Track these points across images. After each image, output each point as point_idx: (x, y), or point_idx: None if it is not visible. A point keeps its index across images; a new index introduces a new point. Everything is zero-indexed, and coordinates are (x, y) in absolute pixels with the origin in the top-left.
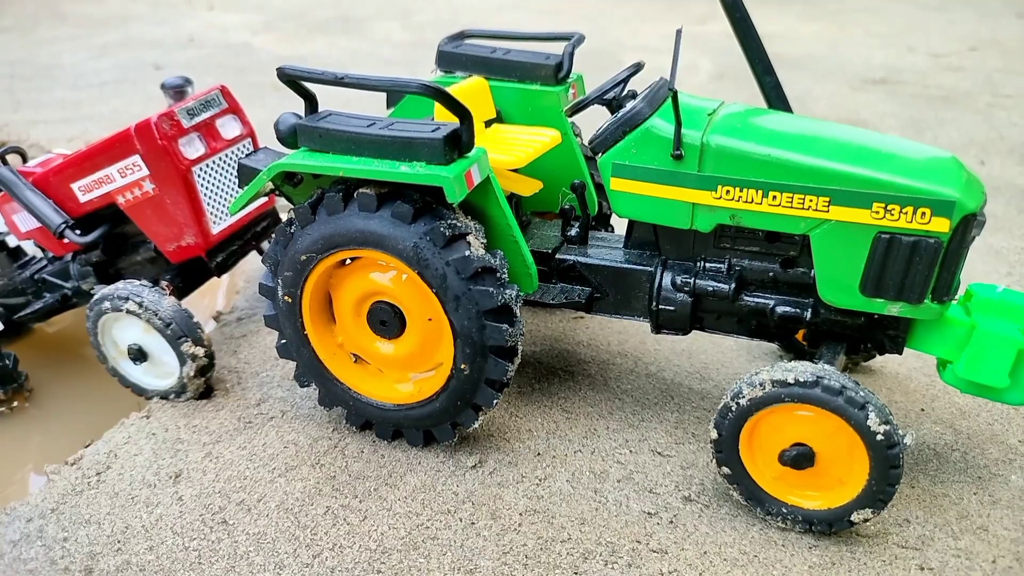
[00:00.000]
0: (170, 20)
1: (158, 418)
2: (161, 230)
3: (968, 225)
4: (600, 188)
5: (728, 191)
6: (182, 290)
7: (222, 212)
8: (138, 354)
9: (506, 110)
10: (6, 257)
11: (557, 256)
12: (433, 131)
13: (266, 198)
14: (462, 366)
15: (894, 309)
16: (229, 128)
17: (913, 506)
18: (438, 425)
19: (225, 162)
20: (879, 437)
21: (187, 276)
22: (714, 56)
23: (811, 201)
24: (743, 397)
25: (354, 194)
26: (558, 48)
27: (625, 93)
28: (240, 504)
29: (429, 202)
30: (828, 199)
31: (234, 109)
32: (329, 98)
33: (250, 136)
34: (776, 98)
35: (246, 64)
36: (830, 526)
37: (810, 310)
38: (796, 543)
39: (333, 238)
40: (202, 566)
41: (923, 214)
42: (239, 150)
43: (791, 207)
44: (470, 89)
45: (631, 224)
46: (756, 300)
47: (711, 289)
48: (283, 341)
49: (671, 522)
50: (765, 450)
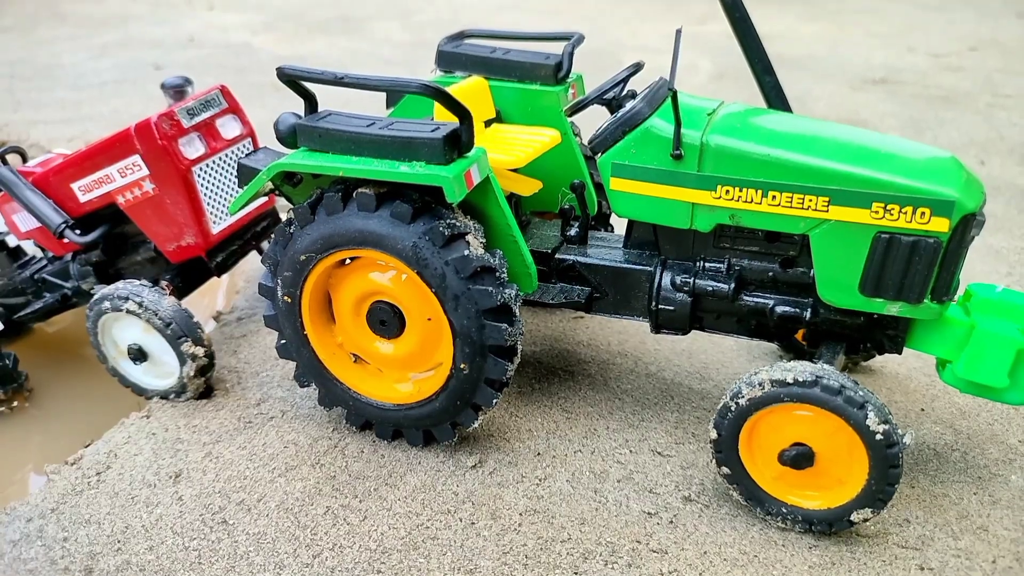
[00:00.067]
0: (170, 20)
1: (158, 418)
2: (161, 230)
3: (967, 225)
4: (600, 188)
5: (728, 191)
6: (182, 290)
7: (222, 212)
8: (138, 354)
9: (506, 110)
10: (6, 257)
11: (557, 256)
12: (433, 131)
13: (266, 198)
14: (461, 366)
15: (893, 309)
16: (229, 128)
17: (913, 506)
18: (438, 425)
19: (225, 162)
20: (878, 436)
21: (187, 276)
22: (714, 56)
23: (810, 201)
24: (742, 397)
25: (353, 194)
26: (558, 48)
27: (625, 93)
28: (240, 504)
29: (428, 202)
30: (828, 199)
31: (234, 109)
32: (329, 98)
33: (250, 136)
34: (776, 98)
35: (246, 64)
36: (830, 526)
37: (809, 310)
38: (796, 543)
39: (332, 238)
40: (202, 566)
41: (922, 214)
42: (239, 150)
43: (790, 207)
44: (470, 89)
45: (630, 224)
46: (756, 300)
47: (711, 289)
48: (283, 341)
49: (671, 522)
50: (765, 450)
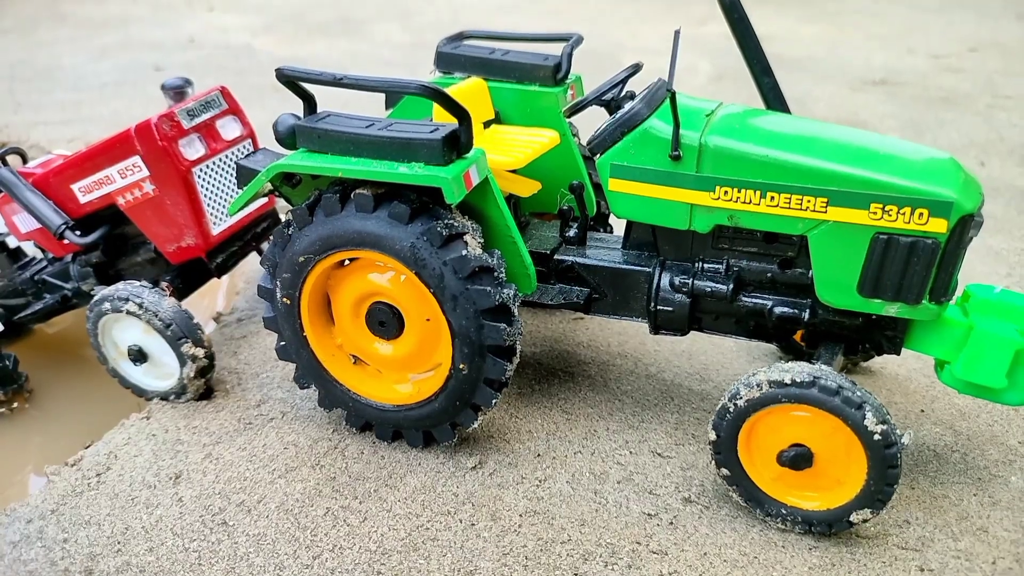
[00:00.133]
0: (170, 22)
1: (158, 419)
2: (161, 231)
3: (966, 226)
4: (598, 189)
5: (726, 192)
6: (182, 291)
7: (222, 213)
8: (138, 355)
9: (505, 111)
10: (6, 258)
11: (556, 257)
12: (432, 132)
13: (266, 199)
14: (460, 366)
15: (892, 310)
16: (229, 129)
17: (913, 507)
18: (438, 426)
19: (225, 163)
20: (876, 437)
21: (187, 277)
22: (713, 57)
23: (809, 202)
24: (740, 398)
25: (351, 195)
26: (557, 49)
27: (624, 94)
28: (240, 505)
29: (426, 202)
30: (826, 200)
31: (234, 110)
32: (328, 99)
33: (250, 137)
34: (774, 99)
35: (246, 65)
36: (829, 527)
37: (808, 311)
38: (796, 544)
39: (331, 239)
40: (202, 567)
41: (921, 215)
42: (239, 151)
43: (789, 208)
44: (469, 90)
45: (629, 225)
46: (754, 301)
47: (709, 290)
48: (282, 343)
49: (671, 523)
50: (763, 451)
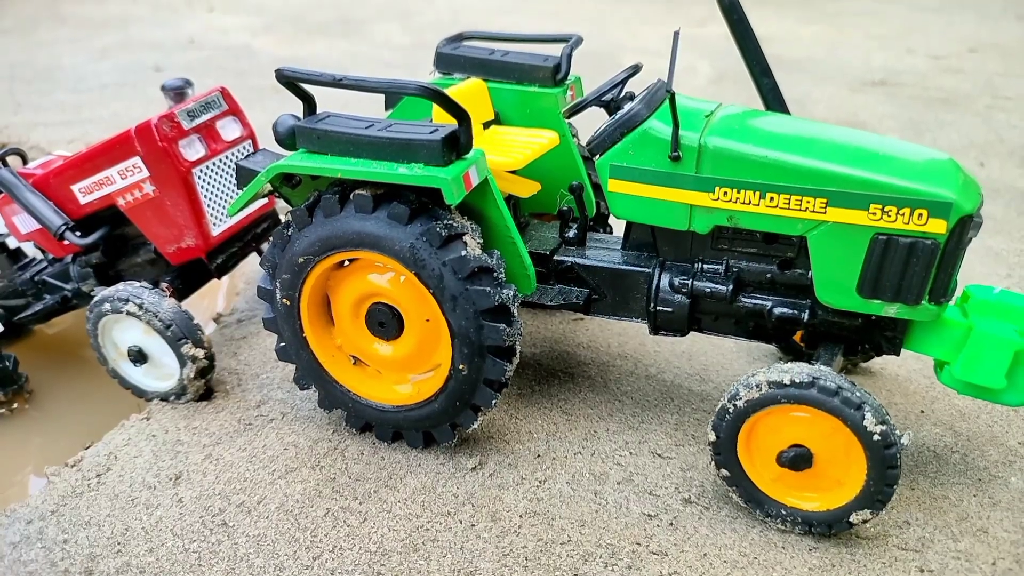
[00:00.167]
0: (170, 22)
1: (158, 420)
2: (161, 232)
3: (965, 226)
4: (598, 189)
5: (725, 192)
6: (182, 292)
7: (222, 214)
8: (138, 356)
9: (504, 112)
10: (6, 259)
11: (555, 257)
12: (431, 133)
13: (266, 200)
14: (460, 367)
15: (891, 310)
16: (229, 130)
17: (913, 508)
18: (437, 426)
19: (225, 164)
20: (876, 437)
21: (187, 278)
22: (713, 58)
23: (808, 202)
24: (740, 399)
25: (350, 195)
26: (556, 50)
27: (623, 95)
28: (240, 506)
29: (425, 203)
30: (825, 200)
31: (234, 111)
32: (328, 100)
33: (250, 138)
34: (773, 100)
35: (246, 66)
36: (829, 527)
37: (808, 311)
38: (796, 545)
39: (330, 240)
40: (202, 568)
41: (920, 215)
42: (239, 152)
43: (788, 208)
44: (468, 91)
45: (629, 225)
46: (754, 301)
47: (709, 290)
48: (282, 344)
49: (671, 524)
50: (763, 452)
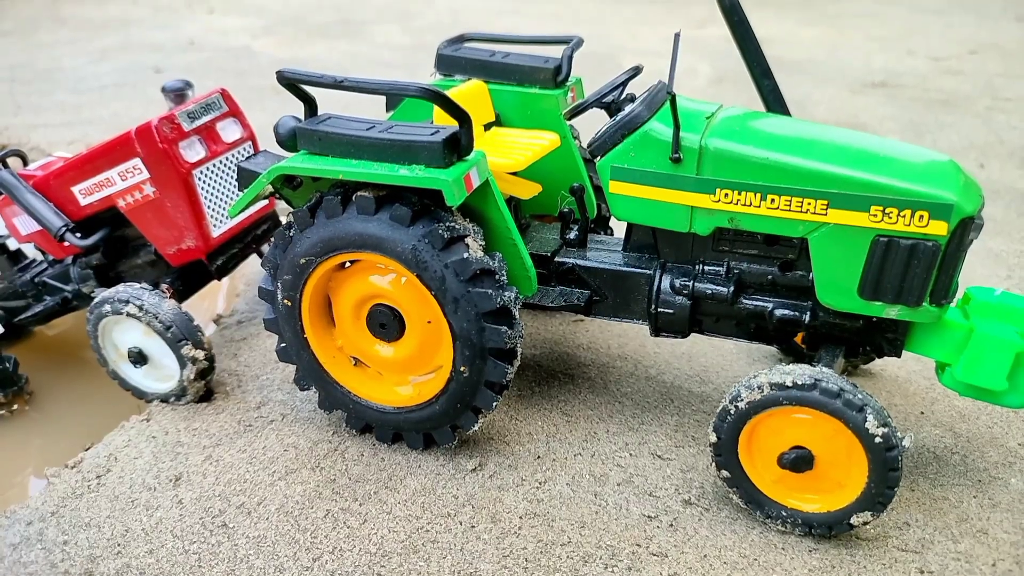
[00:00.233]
0: (170, 24)
1: (158, 421)
2: (161, 233)
3: (966, 228)
4: (599, 191)
5: (726, 194)
6: (182, 293)
7: (222, 215)
8: (138, 357)
9: (505, 113)
10: (6, 260)
11: (556, 259)
12: (432, 134)
13: (266, 201)
14: (461, 368)
15: (892, 312)
16: (229, 131)
17: (913, 509)
18: (438, 428)
19: (225, 165)
20: (877, 439)
21: (187, 279)
22: (713, 60)
23: (809, 204)
24: (741, 400)
25: (353, 197)
26: (557, 51)
27: (624, 96)
28: (240, 507)
29: (427, 204)
30: (826, 202)
31: (234, 112)
32: (329, 101)
33: (250, 139)
34: (774, 102)
35: (246, 67)
36: (830, 529)
37: (809, 313)
38: (796, 546)
39: (332, 241)
40: (202, 569)
41: (921, 217)
42: (239, 153)
43: (789, 210)
44: (469, 92)
45: (630, 227)
46: (755, 303)
47: (710, 292)
48: (283, 344)
49: (671, 525)
50: (764, 453)
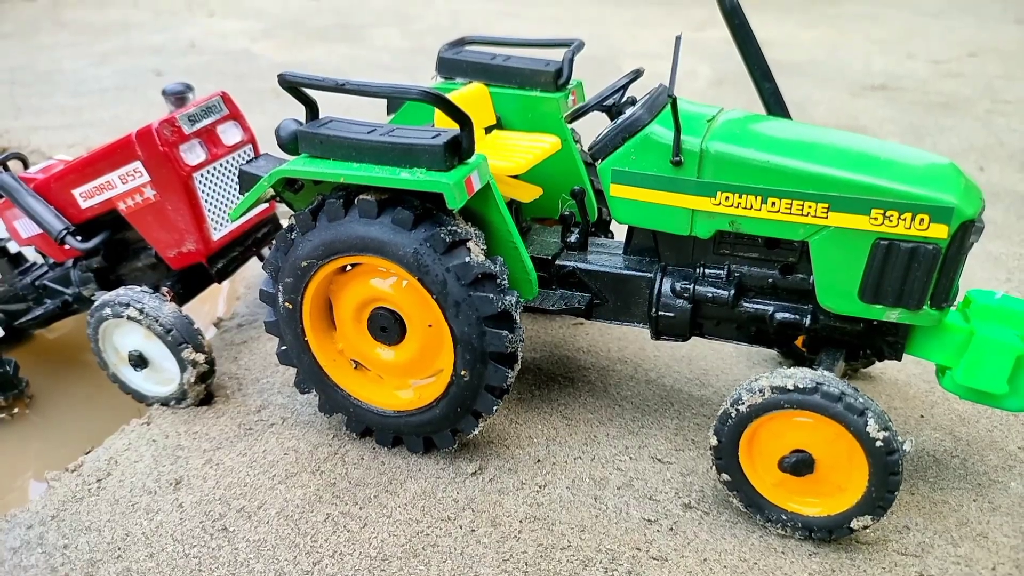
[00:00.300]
0: (171, 27)
1: (159, 425)
2: (162, 236)
3: (966, 231)
4: (600, 194)
5: (727, 197)
6: (183, 296)
7: (223, 218)
8: (139, 360)
9: (506, 116)
10: (7, 263)
11: (557, 262)
12: (433, 137)
13: (267, 204)
14: (462, 372)
15: (893, 315)
16: (230, 134)
17: (913, 513)
18: (438, 432)
19: (226, 168)
20: (878, 443)
21: (188, 282)
22: (713, 62)
23: (810, 207)
24: (742, 403)
25: (354, 200)
26: (558, 55)
27: (625, 99)
28: (240, 511)
29: (429, 208)
30: (827, 205)
31: (235, 115)
32: (330, 105)
33: (251, 142)
34: (775, 104)
35: (246, 71)
36: (830, 533)
37: (809, 316)
38: (796, 550)
39: (334, 244)
40: (202, 573)
41: (921, 220)
42: (240, 156)
43: (790, 213)
44: (470, 95)
45: (631, 230)
46: (755, 306)
47: (710, 295)
48: (283, 347)
49: (671, 529)
50: (765, 457)
